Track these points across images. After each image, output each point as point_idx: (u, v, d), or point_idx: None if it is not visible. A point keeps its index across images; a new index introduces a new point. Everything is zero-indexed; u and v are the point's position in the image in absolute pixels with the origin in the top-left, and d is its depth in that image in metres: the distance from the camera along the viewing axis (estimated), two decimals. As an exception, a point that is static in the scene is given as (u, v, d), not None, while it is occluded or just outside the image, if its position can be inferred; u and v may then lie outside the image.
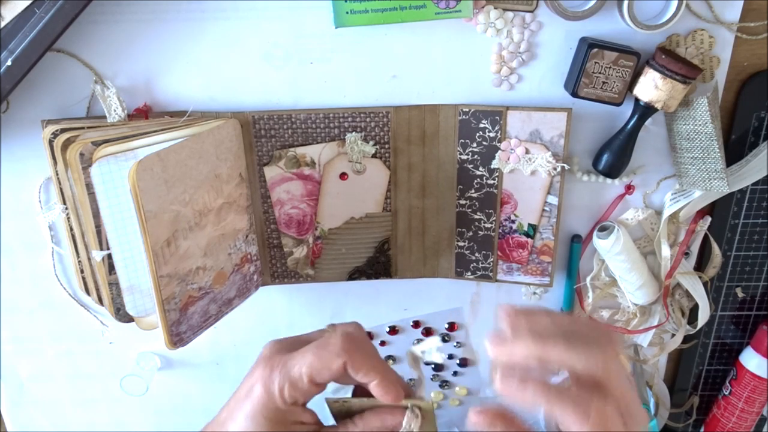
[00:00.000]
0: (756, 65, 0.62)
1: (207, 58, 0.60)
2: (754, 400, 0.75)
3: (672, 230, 0.67)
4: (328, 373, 0.46)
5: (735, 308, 0.74)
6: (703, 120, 0.59)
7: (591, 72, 0.58)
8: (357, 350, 0.46)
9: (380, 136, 0.63)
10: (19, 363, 0.73)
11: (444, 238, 0.67)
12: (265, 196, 0.65)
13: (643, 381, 0.75)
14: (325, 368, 0.46)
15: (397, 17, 0.57)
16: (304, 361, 0.46)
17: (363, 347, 0.47)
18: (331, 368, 0.46)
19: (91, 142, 0.57)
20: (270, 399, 0.46)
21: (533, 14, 0.59)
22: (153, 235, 0.55)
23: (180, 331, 0.60)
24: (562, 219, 0.66)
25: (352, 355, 0.46)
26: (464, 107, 0.62)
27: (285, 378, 0.46)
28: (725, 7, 0.59)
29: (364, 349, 0.47)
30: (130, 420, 0.77)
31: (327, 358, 0.46)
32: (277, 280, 0.69)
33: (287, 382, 0.46)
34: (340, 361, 0.46)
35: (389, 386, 0.46)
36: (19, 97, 0.60)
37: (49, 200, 0.64)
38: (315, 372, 0.46)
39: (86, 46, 0.59)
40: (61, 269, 0.68)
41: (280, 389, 0.46)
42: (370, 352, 0.48)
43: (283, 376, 0.46)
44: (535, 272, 0.67)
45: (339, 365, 0.46)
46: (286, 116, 0.62)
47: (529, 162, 0.63)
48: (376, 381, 0.46)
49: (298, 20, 0.58)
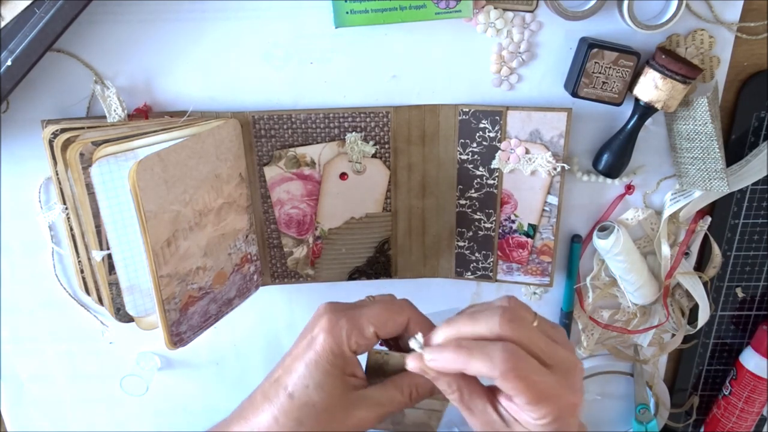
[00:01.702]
0: (756, 65, 0.62)
1: (207, 58, 0.60)
2: (754, 400, 0.75)
3: (672, 230, 0.67)
4: (393, 325, 0.49)
5: (735, 308, 0.74)
6: (703, 120, 0.59)
7: (591, 72, 0.58)
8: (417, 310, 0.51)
9: (380, 136, 0.63)
10: (19, 363, 0.73)
11: (444, 238, 0.67)
12: (265, 196, 0.65)
13: (643, 381, 0.75)
14: (391, 320, 0.49)
15: (397, 17, 0.57)
16: (372, 313, 0.49)
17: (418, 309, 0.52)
18: (396, 321, 0.49)
19: (91, 142, 0.57)
20: (337, 345, 0.48)
21: (533, 14, 0.59)
22: (153, 235, 0.55)
23: (180, 331, 0.60)
24: (562, 219, 0.66)
25: (414, 312, 0.50)
26: (464, 107, 0.62)
27: (353, 326, 0.49)
28: (725, 7, 0.59)
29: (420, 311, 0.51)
30: (130, 420, 0.77)
31: (395, 311, 0.50)
32: (277, 280, 0.69)
33: (355, 329, 0.49)
34: (405, 316, 0.50)
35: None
36: (19, 97, 0.60)
37: (49, 200, 0.64)
38: (381, 323, 0.49)
39: (86, 46, 0.59)
40: (61, 269, 0.68)
41: (348, 335, 0.48)
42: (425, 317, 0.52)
43: (351, 324, 0.49)
44: (535, 272, 0.67)
45: (404, 319, 0.50)
46: (286, 116, 0.62)
47: (529, 162, 0.63)
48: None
49: (298, 20, 0.58)
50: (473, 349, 0.45)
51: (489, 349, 0.45)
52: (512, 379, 0.44)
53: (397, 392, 0.50)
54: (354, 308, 0.50)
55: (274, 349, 0.74)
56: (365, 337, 0.49)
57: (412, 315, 0.50)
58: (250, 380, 0.76)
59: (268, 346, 0.74)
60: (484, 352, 0.44)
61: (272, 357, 0.75)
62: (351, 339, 0.49)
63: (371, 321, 0.49)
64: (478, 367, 0.45)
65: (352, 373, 0.50)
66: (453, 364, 0.45)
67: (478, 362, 0.45)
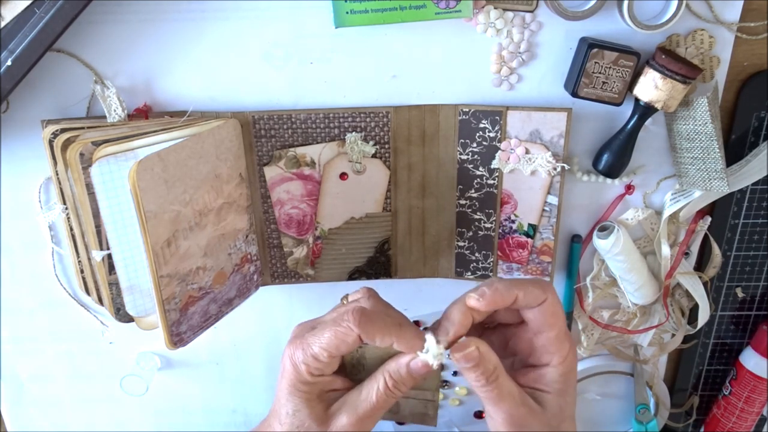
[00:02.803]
0: (756, 65, 0.62)
1: (207, 58, 0.60)
2: (754, 400, 0.75)
3: (672, 230, 0.68)
4: (345, 346, 0.50)
5: (735, 308, 0.74)
6: (703, 120, 0.59)
7: (591, 72, 0.58)
8: (368, 321, 0.50)
9: (380, 136, 0.63)
10: (19, 363, 0.73)
11: (444, 238, 0.67)
12: (265, 196, 0.65)
13: (643, 381, 0.75)
14: (342, 343, 0.50)
15: (397, 17, 0.57)
16: (322, 339, 0.50)
17: (374, 317, 0.51)
18: (347, 342, 0.50)
19: (91, 142, 0.57)
20: (298, 375, 0.51)
21: (533, 14, 0.59)
22: (153, 235, 0.55)
23: (180, 331, 0.60)
24: (562, 219, 0.66)
25: (364, 327, 0.49)
26: (464, 107, 0.62)
27: (307, 355, 0.51)
28: (725, 7, 0.59)
29: (376, 318, 0.51)
30: (130, 420, 0.77)
31: (342, 333, 0.50)
32: (277, 280, 0.69)
33: (310, 358, 0.51)
34: (354, 335, 0.50)
35: (407, 343, 0.50)
36: (19, 97, 0.60)
37: (49, 200, 0.64)
38: (333, 347, 0.50)
39: (86, 46, 0.59)
40: (61, 269, 0.68)
41: (306, 366, 0.51)
42: (382, 319, 0.51)
43: (305, 354, 0.51)
44: (535, 272, 0.67)
45: (354, 338, 0.50)
46: (286, 116, 0.62)
47: (529, 162, 0.63)
48: (395, 342, 0.50)
49: (298, 20, 0.58)
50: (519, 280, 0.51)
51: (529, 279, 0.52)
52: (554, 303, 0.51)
53: (373, 384, 0.52)
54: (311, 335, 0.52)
55: (274, 349, 0.74)
56: (322, 362, 0.51)
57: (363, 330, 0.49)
58: (250, 380, 0.76)
59: (268, 346, 0.74)
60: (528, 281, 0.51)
61: (272, 357, 0.75)
62: (310, 368, 0.51)
63: (323, 347, 0.50)
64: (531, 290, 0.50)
65: (329, 389, 0.53)
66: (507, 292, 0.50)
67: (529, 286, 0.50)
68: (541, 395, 0.52)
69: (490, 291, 0.50)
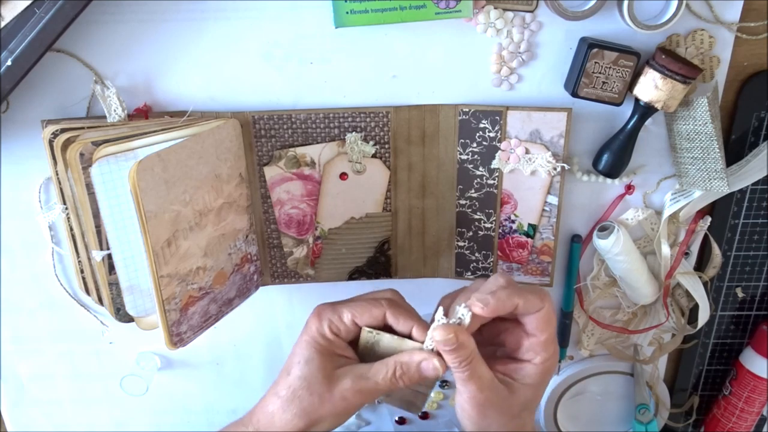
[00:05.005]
0: (756, 65, 0.62)
1: (207, 58, 0.60)
2: (754, 400, 0.75)
3: (672, 230, 0.68)
4: (369, 316, 0.57)
5: (735, 308, 0.74)
6: (703, 120, 0.59)
7: (591, 72, 0.58)
8: (398, 305, 0.58)
9: (380, 136, 0.63)
10: (19, 363, 0.73)
11: (444, 238, 0.67)
12: (265, 196, 0.65)
13: (643, 381, 0.75)
14: (367, 312, 0.57)
15: (397, 17, 0.57)
16: (352, 304, 0.58)
17: (403, 303, 0.59)
18: (372, 313, 0.57)
19: (91, 142, 0.57)
20: (319, 328, 0.57)
21: (533, 14, 0.59)
22: (153, 235, 0.55)
23: (180, 331, 0.60)
24: (562, 219, 0.66)
25: (393, 307, 0.57)
26: (464, 107, 0.62)
27: (333, 313, 0.57)
28: (725, 7, 0.59)
29: (404, 304, 0.59)
30: (130, 420, 0.77)
31: (373, 305, 0.57)
32: (277, 280, 0.69)
33: (335, 316, 0.57)
34: (382, 310, 0.57)
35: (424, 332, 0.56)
36: (19, 97, 0.60)
37: (49, 200, 0.64)
38: (358, 313, 0.57)
39: (86, 46, 0.59)
40: (61, 269, 0.68)
41: (329, 321, 0.57)
42: (409, 308, 0.59)
43: (332, 311, 0.58)
44: (535, 272, 0.67)
45: (380, 313, 0.57)
46: (286, 116, 0.62)
47: (529, 162, 0.63)
48: (413, 328, 0.56)
49: (298, 20, 0.58)
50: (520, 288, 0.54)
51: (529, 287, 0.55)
52: (549, 311, 0.55)
53: (382, 367, 0.56)
54: (343, 302, 0.59)
55: (274, 349, 0.74)
56: (343, 322, 0.57)
57: (389, 309, 0.57)
58: (250, 380, 0.76)
59: (268, 346, 0.74)
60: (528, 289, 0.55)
61: (272, 357, 0.75)
62: (332, 323, 0.57)
63: (349, 310, 0.57)
64: (530, 298, 0.54)
65: (342, 353, 0.58)
66: (509, 300, 0.53)
67: (529, 295, 0.54)
68: (512, 383, 0.56)
69: (493, 300, 0.53)
